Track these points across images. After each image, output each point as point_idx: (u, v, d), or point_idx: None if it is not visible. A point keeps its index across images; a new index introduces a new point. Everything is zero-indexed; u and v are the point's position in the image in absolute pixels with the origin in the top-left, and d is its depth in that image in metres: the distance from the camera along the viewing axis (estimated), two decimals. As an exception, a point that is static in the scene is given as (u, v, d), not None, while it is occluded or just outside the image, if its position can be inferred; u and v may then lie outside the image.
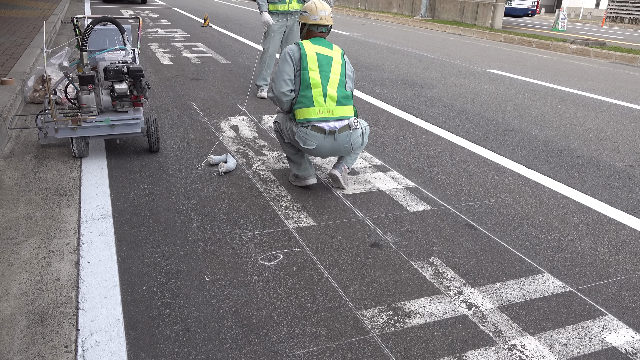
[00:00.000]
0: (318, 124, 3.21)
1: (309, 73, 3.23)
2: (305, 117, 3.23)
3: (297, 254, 2.70)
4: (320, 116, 3.22)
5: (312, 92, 3.22)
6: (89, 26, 3.65)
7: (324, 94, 3.23)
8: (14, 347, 1.96)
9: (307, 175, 3.46)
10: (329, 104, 3.23)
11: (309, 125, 3.22)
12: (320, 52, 3.29)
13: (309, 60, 3.24)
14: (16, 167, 3.63)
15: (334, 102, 3.25)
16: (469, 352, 2.05)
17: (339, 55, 3.37)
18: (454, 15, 18.75)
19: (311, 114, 3.22)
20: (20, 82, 5.26)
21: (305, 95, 3.23)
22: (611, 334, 2.20)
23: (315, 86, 3.22)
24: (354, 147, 3.36)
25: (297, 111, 3.27)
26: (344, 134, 3.25)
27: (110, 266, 2.50)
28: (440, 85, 7.38)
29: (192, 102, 5.64)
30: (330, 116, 3.24)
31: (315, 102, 3.22)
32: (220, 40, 10.94)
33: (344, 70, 3.34)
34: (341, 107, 3.27)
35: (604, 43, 13.68)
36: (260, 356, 1.98)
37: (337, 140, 3.25)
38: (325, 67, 3.27)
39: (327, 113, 3.23)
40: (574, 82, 8.24)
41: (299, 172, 3.47)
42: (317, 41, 3.34)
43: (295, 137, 3.29)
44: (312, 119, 3.22)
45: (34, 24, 10.07)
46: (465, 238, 2.95)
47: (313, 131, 3.22)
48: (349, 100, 3.33)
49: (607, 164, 4.34)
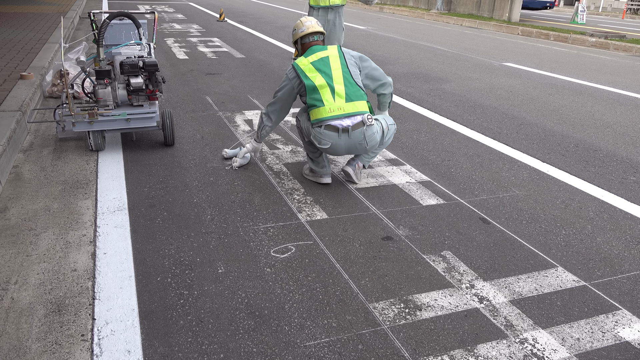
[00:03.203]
0: (331, 123, 3.21)
1: (310, 79, 3.24)
2: (317, 117, 3.25)
3: (309, 247, 2.72)
4: (331, 114, 3.21)
5: (320, 92, 3.23)
6: (106, 21, 3.69)
7: (332, 91, 3.22)
8: (32, 335, 2.01)
9: (324, 173, 3.48)
10: (338, 101, 3.22)
11: (322, 124, 3.22)
12: (313, 59, 3.30)
13: (306, 72, 3.27)
14: (35, 160, 3.70)
15: (343, 99, 3.23)
16: (480, 345, 2.05)
17: (335, 50, 3.35)
18: (471, 9, 18.56)
19: (322, 113, 3.22)
20: (39, 77, 5.35)
21: (314, 98, 3.25)
22: (625, 329, 2.18)
23: (322, 87, 3.23)
24: (370, 145, 3.30)
25: (310, 112, 3.30)
26: (358, 131, 3.22)
27: (125, 257, 2.55)
28: (456, 79, 7.32)
29: (207, 96, 5.68)
30: (341, 113, 3.21)
31: (324, 101, 3.22)
32: (236, 34, 10.98)
33: (344, 62, 3.32)
34: (351, 103, 3.24)
35: (624, 36, 13.45)
36: (271, 347, 2.00)
37: (351, 138, 3.23)
38: (324, 67, 3.27)
39: (338, 110, 3.21)
40: (592, 76, 8.12)
41: (316, 167, 3.49)
42: (310, 52, 3.36)
43: (311, 137, 3.32)
44: (324, 118, 3.22)
45: (52, 20, 10.20)
46: (478, 232, 2.94)
47: (327, 130, 3.22)
48: (360, 94, 3.29)
49: (624, 158, 4.28)
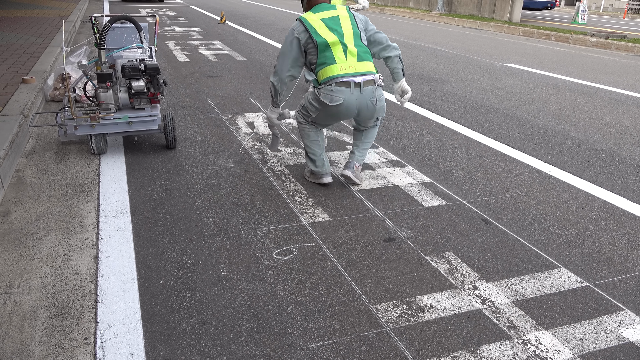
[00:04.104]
0: (343, 79, 3.16)
1: (322, 36, 3.18)
2: (328, 75, 3.18)
3: (311, 249, 2.72)
4: (343, 72, 3.16)
5: (332, 50, 3.17)
6: (107, 25, 3.70)
7: (344, 50, 3.19)
8: (35, 338, 2.01)
9: (323, 172, 3.46)
10: (350, 59, 3.19)
11: (333, 82, 3.17)
12: (324, 17, 3.24)
13: (316, 28, 3.19)
14: (37, 163, 3.71)
15: (355, 58, 3.20)
16: (483, 347, 2.04)
17: (344, 11, 3.32)
18: (472, 10, 18.56)
19: (334, 70, 3.17)
20: (41, 81, 5.36)
21: (325, 56, 3.18)
22: (628, 329, 2.18)
23: (334, 44, 3.18)
24: (378, 106, 3.29)
25: (319, 72, 3.22)
26: (369, 88, 3.21)
27: (128, 260, 2.55)
28: (457, 80, 7.32)
29: (208, 99, 5.69)
30: (353, 72, 3.18)
31: (337, 59, 3.17)
32: (237, 37, 10.99)
33: (354, 22, 3.29)
34: (363, 62, 3.22)
35: (625, 35, 13.44)
36: (274, 349, 2.00)
37: (362, 94, 3.19)
38: (335, 26, 3.21)
39: (349, 69, 3.18)
40: (593, 76, 8.11)
41: (315, 168, 3.47)
42: (317, 9, 3.30)
43: (320, 98, 3.21)
44: (335, 75, 3.16)
45: (54, 24, 10.23)
46: (481, 233, 2.94)
47: (338, 87, 3.17)
48: (369, 56, 3.29)
49: (626, 158, 4.28)
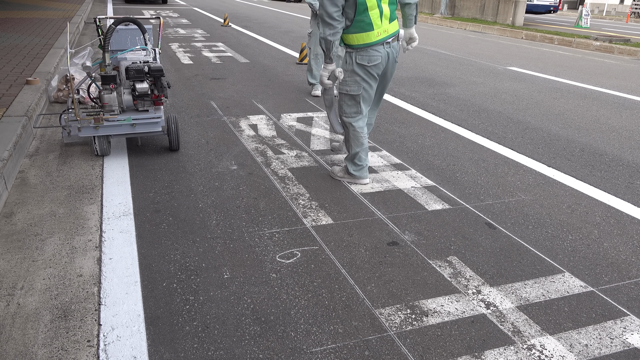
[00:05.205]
0: (377, 45, 3.25)
1: None
2: (365, 42, 3.22)
3: (314, 252, 2.71)
4: (378, 38, 3.23)
5: (370, 14, 3.18)
6: (111, 26, 3.71)
7: (380, 13, 3.21)
8: (38, 340, 2.01)
9: (365, 176, 3.58)
10: (384, 23, 3.24)
11: (368, 48, 3.24)
12: None
13: None
14: (40, 165, 3.71)
15: (388, 20, 3.26)
16: (487, 352, 2.03)
17: None
18: (475, 13, 18.56)
19: (371, 37, 3.22)
20: (45, 82, 5.37)
21: (362, 20, 3.18)
22: (633, 335, 2.16)
23: (372, 8, 3.17)
24: (396, 63, 3.43)
25: (354, 36, 3.24)
26: (395, 43, 3.35)
27: (131, 263, 2.55)
28: (460, 84, 7.32)
29: (211, 101, 5.69)
30: (385, 36, 3.26)
31: (374, 24, 3.20)
32: (240, 39, 11.01)
33: None
34: (392, 23, 3.31)
35: (629, 39, 13.41)
36: (277, 353, 1.99)
37: (391, 49, 3.32)
38: None
39: (383, 33, 3.25)
40: (597, 80, 8.09)
41: (358, 173, 3.56)
42: None
43: (357, 61, 3.27)
44: (372, 42, 3.23)
45: (57, 25, 10.26)
46: (484, 237, 2.93)
47: (373, 50, 3.24)
48: (396, 14, 3.36)
49: (630, 163, 4.27)
